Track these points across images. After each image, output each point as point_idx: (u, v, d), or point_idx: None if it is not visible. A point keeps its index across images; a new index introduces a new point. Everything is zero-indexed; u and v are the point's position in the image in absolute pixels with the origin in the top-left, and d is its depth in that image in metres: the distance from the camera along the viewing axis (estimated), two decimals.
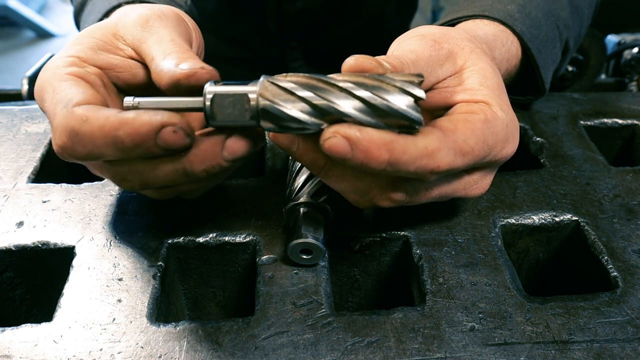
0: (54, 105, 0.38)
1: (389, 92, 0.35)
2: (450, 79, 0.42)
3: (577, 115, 0.65)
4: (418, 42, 0.42)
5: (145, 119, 0.35)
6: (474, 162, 0.38)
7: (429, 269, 0.45)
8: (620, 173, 0.56)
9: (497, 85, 0.42)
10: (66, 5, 4.09)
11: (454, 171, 0.38)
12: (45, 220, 0.49)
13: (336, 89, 0.35)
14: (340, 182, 0.40)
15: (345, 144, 0.34)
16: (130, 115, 0.36)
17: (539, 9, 0.56)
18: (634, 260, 0.46)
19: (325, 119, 0.35)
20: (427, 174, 0.36)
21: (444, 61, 0.42)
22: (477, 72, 0.42)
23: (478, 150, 0.38)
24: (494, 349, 0.39)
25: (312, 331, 0.40)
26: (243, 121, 0.37)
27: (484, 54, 0.44)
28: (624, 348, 0.39)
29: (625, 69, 0.98)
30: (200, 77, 0.39)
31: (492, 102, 0.40)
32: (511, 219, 0.50)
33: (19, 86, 0.89)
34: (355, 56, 0.37)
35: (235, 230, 0.48)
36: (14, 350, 0.39)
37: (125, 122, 0.35)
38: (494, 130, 0.39)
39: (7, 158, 0.57)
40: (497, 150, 0.40)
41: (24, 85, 0.86)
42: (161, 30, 0.44)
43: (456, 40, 0.43)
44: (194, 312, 0.52)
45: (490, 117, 0.39)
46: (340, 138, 0.34)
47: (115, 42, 0.45)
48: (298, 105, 0.35)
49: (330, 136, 0.34)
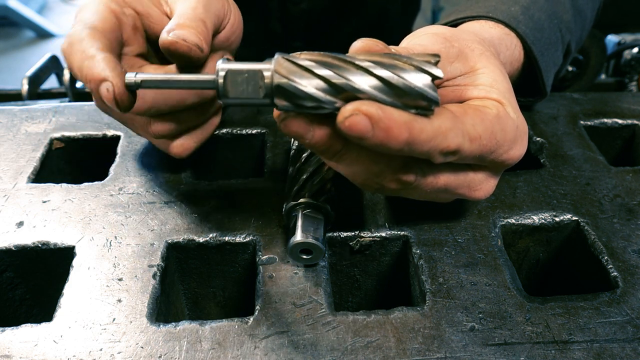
0: (78, 22, 0.46)
1: (407, 71, 0.34)
2: (461, 78, 0.42)
3: (577, 115, 0.65)
4: (428, 38, 0.42)
5: (97, 69, 0.41)
6: (480, 152, 0.38)
7: (429, 269, 0.45)
8: (620, 173, 0.56)
9: (508, 88, 0.42)
10: (66, 5, 4.08)
11: (462, 156, 0.37)
12: (45, 220, 0.49)
13: (353, 66, 0.34)
14: (353, 166, 0.39)
15: (367, 122, 0.33)
16: (97, 54, 0.42)
17: (542, 11, 0.56)
18: (634, 260, 0.46)
19: (341, 96, 0.34)
20: (437, 155, 0.36)
21: (454, 59, 0.42)
22: (489, 74, 0.42)
23: (486, 140, 0.38)
24: (494, 349, 0.39)
25: (312, 331, 0.40)
26: (256, 99, 0.36)
27: (493, 57, 0.44)
28: (624, 348, 0.39)
29: (625, 69, 0.98)
30: (179, 48, 0.44)
31: (505, 102, 0.40)
32: (511, 219, 0.50)
33: (19, 86, 0.89)
34: (363, 39, 0.38)
35: (235, 230, 0.48)
36: (14, 350, 0.39)
37: (90, 57, 0.42)
38: (504, 127, 0.39)
39: (7, 158, 0.57)
40: (504, 149, 0.40)
41: (24, 85, 0.86)
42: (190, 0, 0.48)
43: (466, 41, 0.43)
44: (194, 312, 0.53)
45: (502, 114, 0.39)
46: (362, 116, 0.33)
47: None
48: (314, 83, 0.34)
49: (351, 114, 0.33)
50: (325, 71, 0.34)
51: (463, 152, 0.37)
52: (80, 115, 0.64)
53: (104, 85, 0.40)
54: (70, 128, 0.62)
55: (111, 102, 0.41)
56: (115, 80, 0.40)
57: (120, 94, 0.41)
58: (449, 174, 0.41)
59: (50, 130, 0.62)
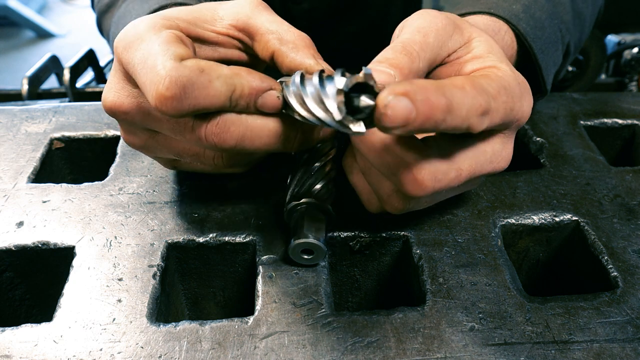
0: (154, 57, 0.38)
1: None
2: (460, 50, 0.44)
3: (577, 115, 0.65)
4: (425, 16, 0.43)
5: (257, 77, 0.40)
6: (504, 110, 0.38)
7: (429, 269, 0.45)
8: (620, 173, 0.56)
9: (502, 52, 0.44)
10: (66, 5, 4.09)
11: (492, 118, 0.37)
12: (45, 220, 0.49)
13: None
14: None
15: (406, 102, 0.31)
16: (243, 71, 0.39)
17: (543, 10, 0.56)
18: (634, 260, 0.46)
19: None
20: (475, 118, 0.35)
21: (452, 32, 0.43)
22: (483, 42, 0.43)
23: (504, 96, 0.38)
24: (494, 349, 0.39)
25: (312, 331, 0.40)
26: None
27: (483, 31, 0.45)
28: (624, 348, 0.39)
29: (625, 69, 0.98)
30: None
31: (500, 66, 0.41)
32: (511, 219, 0.50)
33: (19, 86, 0.89)
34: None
35: (235, 230, 0.48)
36: (14, 350, 0.39)
37: (239, 74, 0.39)
38: (510, 84, 0.39)
39: (7, 158, 0.57)
40: (518, 104, 0.40)
41: (24, 85, 0.86)
42: (273, 15, 0.46)
43: (459, 18, 0.45)
44: (194, 312, 0.53)
45: (502, 74, 0.40)
46: (400, 97, 0.32)
47: (212, 19, 0.45)
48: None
49: (389, 100, 0.32)
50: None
51: (492, 112, 0.37)
52: (80, 115, 0.64)
53: (272, 92, 0.40)
54: (70, 128, 0.62)
55: (280, 103, 0.40)
56: (278, 86, 0.40)
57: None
58: (469, 160, 0.40)
59: (50, 130, 0.62)
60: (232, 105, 0.39)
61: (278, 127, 0.41)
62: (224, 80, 0.38)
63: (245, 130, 0.40)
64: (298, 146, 0.43)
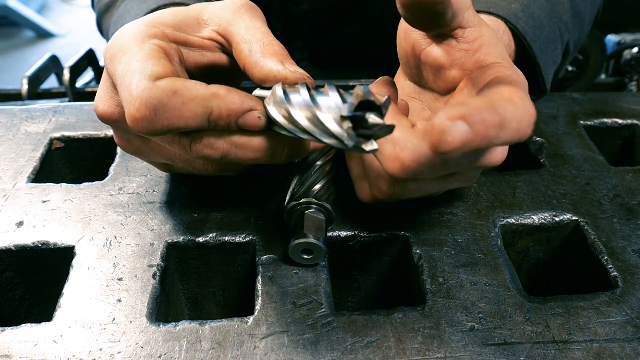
0: (131, 74, 0.38)
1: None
2: (470, 31, 0.43)
3: (577, 115, 0.65)
4: None
5: (237, 97, 0.38)
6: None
7: (429, 269, 0.45)
8: (620, 173, 0.56)
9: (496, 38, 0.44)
10: (66, 5, 4.09)
11: None
12: (45, 220, 0.49)
13: None
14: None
15: (464, 126, 0.30)
16: (222, 91, 0.38)
17: (542, 10, 0.57)
18: (634, 260, 0.46)
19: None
20: (528, 129, 0.33)
21: (466, 10, 0.42)
22: (487, 31, 0.44)
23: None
24: (494, 349, 0.39)
25: (312, 331, 0.40)
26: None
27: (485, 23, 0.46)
28: (624, 348, 0.39)
29: (625, 69, 0.98)
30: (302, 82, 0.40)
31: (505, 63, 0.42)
32: (511, 219, 0.50)
33: (19, 86, 0.89)
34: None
35: (235, 230, 0.48)
36: (14, 350, 0.39)
37: (217, 95, 0.37)
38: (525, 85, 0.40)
39: (7, 158, 0.57)
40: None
41: (24, 85, 0.86)
42: (254, 20, 0.44)
43: None
44: (194, 312, 0.53)
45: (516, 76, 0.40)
46: (457, 121, 0.30)
47: (197, 23, 0.45)
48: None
49: (447, 126, 0.30)
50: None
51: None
52: (80, 115, 0.64)
53: (254, 113, 0.38)
54: (70, 128, 0.62)
55: (263, 123, 0.39)
56: (260, 106, 0.39)
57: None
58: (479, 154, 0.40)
59: (50, 130, 0.62)
60: (212, 126, 0.38)
61: (264, 143, 0.40)
62: (200, 102, 0.37)
63: (230, 147, 0.39)
64: (287, 159, 0.42)
